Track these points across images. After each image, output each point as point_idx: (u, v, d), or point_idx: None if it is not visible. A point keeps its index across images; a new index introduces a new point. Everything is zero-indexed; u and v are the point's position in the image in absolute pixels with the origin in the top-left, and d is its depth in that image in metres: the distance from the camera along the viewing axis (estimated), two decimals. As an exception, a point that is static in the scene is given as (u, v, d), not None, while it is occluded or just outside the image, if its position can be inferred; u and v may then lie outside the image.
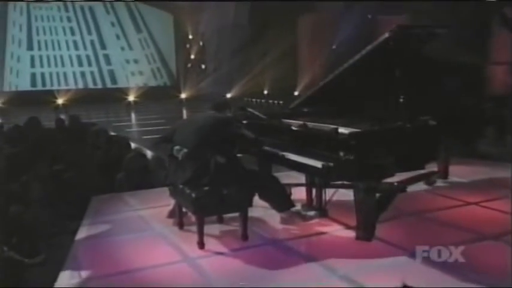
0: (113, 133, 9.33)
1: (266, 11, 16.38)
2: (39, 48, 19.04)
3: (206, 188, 3.48)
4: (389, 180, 3.97)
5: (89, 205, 4.61)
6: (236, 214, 3.67)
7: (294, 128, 4.04)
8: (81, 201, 4.83)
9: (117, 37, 20.40)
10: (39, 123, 8.35)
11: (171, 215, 4.08)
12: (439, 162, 5.29)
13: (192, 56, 20.63)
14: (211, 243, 3.54)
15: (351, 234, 3.63)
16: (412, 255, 3.23)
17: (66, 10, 19.82)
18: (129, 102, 18.24)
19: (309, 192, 4.25)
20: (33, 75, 18.78)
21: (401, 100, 3.75)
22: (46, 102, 15.79)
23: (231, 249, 3.46)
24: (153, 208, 4.47)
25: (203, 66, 20.29)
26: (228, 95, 17.70)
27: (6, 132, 7.69)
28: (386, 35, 3.78)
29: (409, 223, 3.96)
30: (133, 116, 15.34)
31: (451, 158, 5.38)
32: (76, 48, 19.70)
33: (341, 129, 3.73)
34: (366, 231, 3.52)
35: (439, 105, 4.07)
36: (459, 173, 5.46)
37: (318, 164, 3.39)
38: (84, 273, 3.14)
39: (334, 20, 15.51)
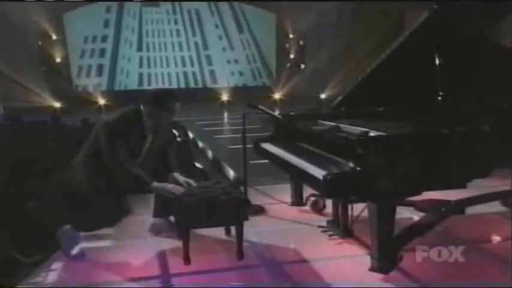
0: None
1: (371, 9, 15.40)
2: (148, 50, 20.14)
3: (193, 197, 3.08)
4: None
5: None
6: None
7: (310, 129, 3.48)
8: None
9: (220, 38, 20.75)
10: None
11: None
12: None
13: (292, 56, 20.29)
14: (200, 259, 3.12)
15: (372, 261, 2.96)
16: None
17: (174, 13, 20.70)
18: (223, 101, 18.47)
19: (335, 206, 3.63)
20: (140, 75, 19.95)
21: (440, 98, 2.97)
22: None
23: (217, 269, 3.02)
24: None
25: (302, 66, 19.83)
26: (322, 95, 17.07)
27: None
28: (426, 14, 3.03)
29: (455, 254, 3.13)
30: (225, 115, 15.44)
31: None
32: (180, 49, 20.47)
33: (371, 133, 3.14)
34: (381, 261, 2.83)
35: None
36: (554, 192, 4.33)
37: (319, 174, 2.77)
38: (51, 276, 2.98)
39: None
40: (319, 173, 2.80)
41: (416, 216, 3.71)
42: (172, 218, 3.47)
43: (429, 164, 2.78)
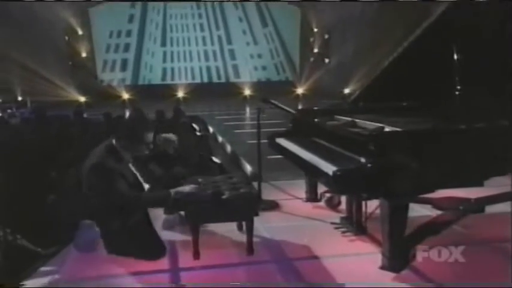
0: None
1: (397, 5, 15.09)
2: (171, 45, 20.32)
3: (202, 192, 3.09)
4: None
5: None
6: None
7: (324, 125, 3.43)
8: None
9: (243, 32, 20.75)
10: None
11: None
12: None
13: (316, 50, 20.12)
14: (210, 254, 3.12)
15: (384, 260, 2.91)
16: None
17: (198, 7, 20.80)
18: (245, 96, 18.43)
19: (349, 202, 3.58)
20: (164, 70, 20.15)
21: (457, 93, 2.89)
22: (168, 96, 16.78)
23: (226, 264, 3.02)
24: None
25: (326, 60, 19.63)
26: (346, 90, 16.85)
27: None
28: (444, 6, 2.95)
29: (471, 254, 3.03)
30: (247, 110, 15.41)
31: None
32: (204, 43, 20.58)
33: (386, 129, 3.08)
34: (393, 259, 2.77)
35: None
36: None
37: (330, 170, 2.73)
38: (62, 271, 3.04)
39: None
40: (329, 168, 2.77)
41: (434, 214, 3.64)
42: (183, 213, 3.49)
43: (444, 160, 2.70)
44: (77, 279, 2.91)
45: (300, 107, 15.40)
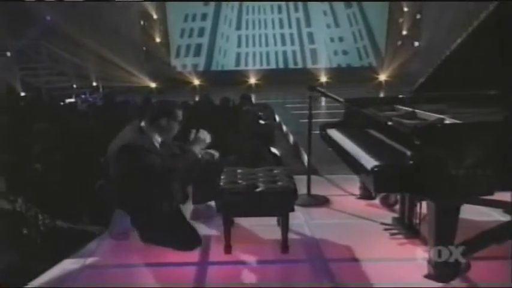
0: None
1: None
2: (247, 28, 20.40)
3: (235, 184, 3.11)
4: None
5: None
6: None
7: (375, 115, 3.30)
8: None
9: (324, 13, 20.28)
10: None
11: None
12: None
13: (404, 32, 19.27)
14: (242, 249, 3.15)
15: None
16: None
17: (277, -12, 20.71)
18: (322, 83, 18.02)
19: (402, 202, 3.43)
20: (238, 55, 20.32)
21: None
22: (240, 82, 17.01)
23: (258, 260, 3.02)
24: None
25: (416, 44, 18.74)
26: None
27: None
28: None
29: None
30: (322, 98, 15.12)
31: None
32: (281, 26, 20.42)
33: (447, 121, 2.93)
34: (439, 268, 2.62)
35: None
36: None
37: (369, 165, 2.62)
38: (94, 255, 3.22)
39: None
40: (370, 163, 2.66)
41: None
42: (211, 203, 3.64)
43: (504, 158, 2.49)
44: (102, 267, 3.06)
45: (381, 95, 15.02)
